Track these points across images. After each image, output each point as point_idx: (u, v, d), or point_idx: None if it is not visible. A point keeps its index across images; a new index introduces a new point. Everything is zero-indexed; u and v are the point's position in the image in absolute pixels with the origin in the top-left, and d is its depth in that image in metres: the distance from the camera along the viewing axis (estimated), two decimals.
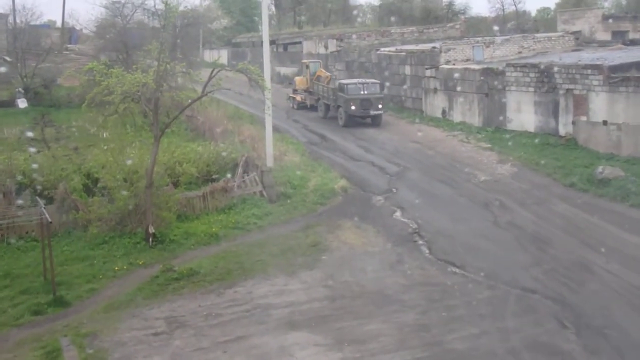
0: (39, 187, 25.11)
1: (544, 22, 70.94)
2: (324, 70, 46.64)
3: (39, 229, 21.60)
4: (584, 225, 22.64)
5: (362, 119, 40.37)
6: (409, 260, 20.70)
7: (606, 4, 74.80)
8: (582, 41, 48.79)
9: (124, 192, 23.06)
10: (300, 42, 65.94)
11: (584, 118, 31.78)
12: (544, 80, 33.64)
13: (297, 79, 50.07)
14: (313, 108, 45.66)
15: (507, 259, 20.31)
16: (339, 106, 40.72)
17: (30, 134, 33.58)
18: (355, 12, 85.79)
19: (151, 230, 22.44)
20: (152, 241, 22.43)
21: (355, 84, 40.23)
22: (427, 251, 21.49)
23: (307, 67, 48.47)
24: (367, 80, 41.08)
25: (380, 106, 39.69)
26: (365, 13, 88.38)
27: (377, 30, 60.04)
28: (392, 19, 68.46)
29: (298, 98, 48.07)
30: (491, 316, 16.88)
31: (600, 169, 26.76)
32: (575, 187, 26.40)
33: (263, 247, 22.25)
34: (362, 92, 39.54)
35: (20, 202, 24.13)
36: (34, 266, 20.91)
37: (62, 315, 18.10)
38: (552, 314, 16.90)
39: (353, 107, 39.34)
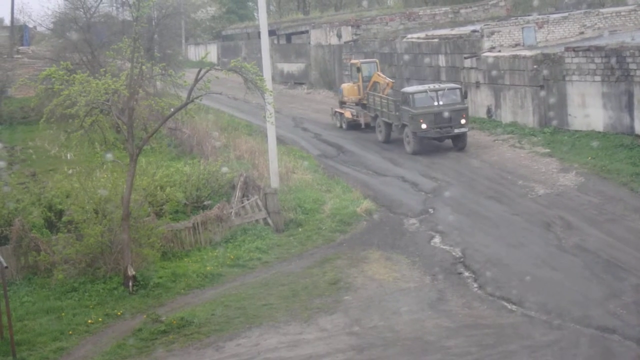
0: None
1: None
2: (382, 75, 42.22)
3: None
4: None
5: (438, 141, 36.73)
6: (453, 298, 20.74)
7: None
8: None
9: (95, 227, 23.26)
10: (306, 31, 66.50)
11: None
12: (614, 67, 33.67)
13: (345, 87, 45.05)
14: (369, 128, 41.71)
15: (576, 292, 20.28)
16: (404, 125, 36.98)
17: None
18: None
19: (130, 272, 22.62)
20: (133, 286, 22.61)
21: (425, 92, 36.45)
22: (475, 285, 21.53)
23: (359, 69, 43.66)
24: (442, 86, 37.59)
25: (463, 121, 35.78)
26: None
27: (402, 13, 60.37)
28: None
29: (348, 114, 43.71)
30: None
31: None
32: None
33: (270, 288, 22.37)
34: (435, 104, 35.79)
35: None
36: None
37: None
38: (636, 358, 16.82)
39: (424, 126, 35.54)
